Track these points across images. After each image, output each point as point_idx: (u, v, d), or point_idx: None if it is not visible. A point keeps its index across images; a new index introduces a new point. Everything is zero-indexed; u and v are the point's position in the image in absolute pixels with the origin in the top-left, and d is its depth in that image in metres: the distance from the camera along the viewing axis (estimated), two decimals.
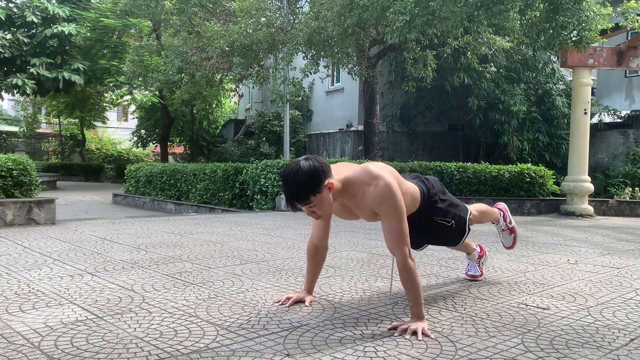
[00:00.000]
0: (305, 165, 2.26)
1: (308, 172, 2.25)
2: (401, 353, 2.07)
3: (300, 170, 2.25)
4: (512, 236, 3.44)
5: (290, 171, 2.27)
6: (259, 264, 3.85)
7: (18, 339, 2.17)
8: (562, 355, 2.08)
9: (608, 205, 9.57)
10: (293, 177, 2.26)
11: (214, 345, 2.12)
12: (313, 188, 2.26)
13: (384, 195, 2.36)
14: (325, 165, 2.32)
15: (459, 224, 2.87)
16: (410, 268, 2.38)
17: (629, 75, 15.04)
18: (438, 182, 2.92)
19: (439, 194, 2.84)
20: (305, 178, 2.24)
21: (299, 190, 2.26)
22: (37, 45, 18.40)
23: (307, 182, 2.24)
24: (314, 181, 2.25)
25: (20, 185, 5.99)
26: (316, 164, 2.27)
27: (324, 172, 2.29)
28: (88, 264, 3.74)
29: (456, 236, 2.92)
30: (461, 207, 2.93)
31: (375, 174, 2.39)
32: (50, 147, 35.27)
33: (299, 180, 2.25)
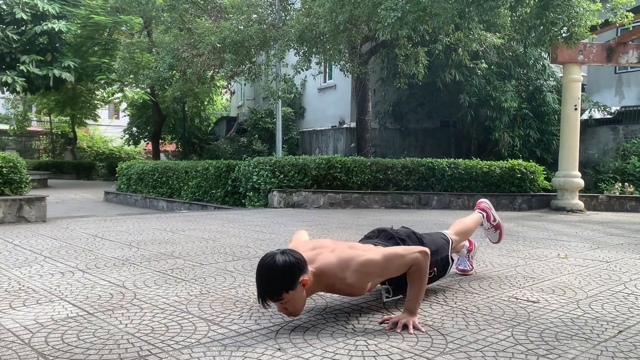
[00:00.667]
0: (280, 260, 2.17)
1: (283, 268, 2.15)
2: (392, 346, 2.08)
3: (275, 266, 2.15)
4: (497, 232, 3.45)
5: (265, 266, 2.18)
6: (251, 260, 3.86)
7: (8, 335, 2.16)
8: (551, 347, 2.10)
9: (598, 201, 9.65)
10: (267, 272, 2.17)
11: (206, 341, 2.12)
12: (286, 285, 2.17)
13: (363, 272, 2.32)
14: (302, 261, 2.23)
15: (441, 265, 2.86)
16: (424, 265, 2.37)
17: (619, 71, 15.15)
18: (412, 234, 2.83)
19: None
20: (280, 274, 2.15)
21: (273, 287, 2.17)
22: (26, 42, 18.23)
23: (281, 279, 2.16)
24: (288, 278, 2.17)
25: (10, 183, 5.95)
26: (292, 260, 2.18)
27: (300, 268, 2.20)
28: (79, 261, 3.73)
29: (441, 274, 2.92)
30: (440, 248, 2.88)
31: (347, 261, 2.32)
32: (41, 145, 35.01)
33: (272, 277, 2.16)
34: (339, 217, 7.37)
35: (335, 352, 2.01)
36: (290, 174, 9.02)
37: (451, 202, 9.32)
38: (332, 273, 2.32)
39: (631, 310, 2.65)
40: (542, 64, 13.83)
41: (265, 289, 2.18)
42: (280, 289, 2.16)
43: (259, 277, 2.20)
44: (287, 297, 2.19)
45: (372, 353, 2.01)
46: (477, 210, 3.44)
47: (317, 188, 9.05)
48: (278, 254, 2.20)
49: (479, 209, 3.44)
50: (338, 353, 2.00)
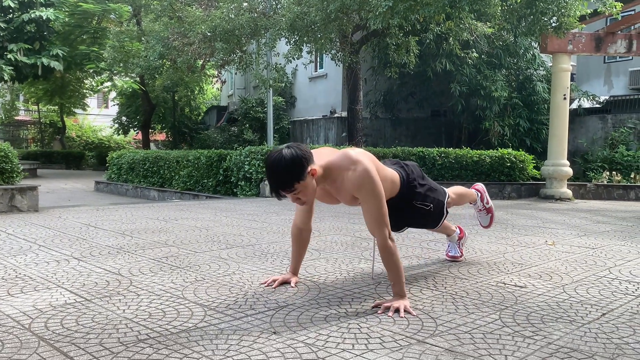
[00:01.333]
0: (287, 153, 2.28)
1: (291, 160, 2.27)
2: (384, 329, 2.15)
3: (283, 159, 2.27)
4: (489, 216, 3.54)
5: (274, 160, 2.29)
6: (244, 248, 3.91)
7: (8, 321, 2.20)
8: (537, 330, 2.17)
9: (586, 189, 9.79)
10: (276, 165, 2.28)
11: (202, 325, 2.17)
12: (297, 176, 2.29)
13: (362, 180, 2.41)
14: (308, 152, 2.35)
15: (437, 207, 2.95)
16: (391, 249, 2.45)
17: (608, 61, 15.28)
18: (417, 167, 2.98)
19: (418, 178, 2.90)
20: (289, 166, 2.27)
21: (283, 179, 2.29)
22: (14, 30, 18.01)
23: (290, 170, 2.27)
24: (298, 169, 2.28)
25: (1, 173, 5.94)
26: (298, 152, 2.30)
27: (307, 159, 2.32)
28: (74, 250, 3.76)
29: (435, 219, 3.00)
30: (439, 191, 3.01)
31: (354, 159, 2.43)
32: (30, 134, 34.71)
33: (282, 169, 2.27)
34: (330, 206, 7.42)
35: (329, 335, 2.07)
36: None
37: None
38: (338, 165, 2.44)
39: (614, 294, 2.74)
40: (532, 53, 13.91)
41: (278, 182, 2.30)
42: (292, 180, 2.29)
43: (269, 171, 2.31)
44: (299, 187, 2.31)
45: (365, 336, 2.07)
46: (473, 189, 3.50)
47: None
48: (284, 148, 2.32)
49: (475, 189, 3.50)
50: (331, 336, 2.06)
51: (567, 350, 1.95)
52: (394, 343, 2.00)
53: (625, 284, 2.96)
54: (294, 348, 1.93)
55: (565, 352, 1.93)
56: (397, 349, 1.94)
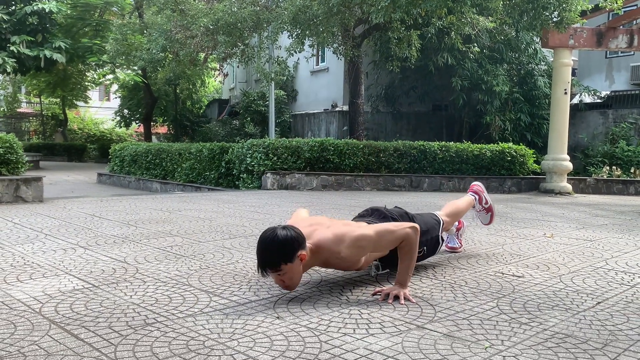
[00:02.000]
0: (281, 235, 2.30)
1: (283, 242, 2.29)
2: (384, 315, 2.21)
3: (276, 239, 2.29)
4: (488, 215, 3.57)
5: (266, 238, 2.32)
6: (247, 238, 3.97)
7: (19, 305, 2.27)
8: (533, 317, 2.24)
9: (586, 183, 9.84)
10: (268, 244, 2.30)
11: (208, 310, 2.24)
12: (285, 257, 2.29)
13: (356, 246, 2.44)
14: (301, 237, 2.36)
15: (431, 245, 2.99)
16: (414, 241, 2.49)
17: (610, 56, 15.29)
18: (404, 214, 2.95)
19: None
20: (280, 247, 2.29)
21: (272, 258, 2.30)
22: (17, 22, 18.03)
23: (280, 251, 2.29)
24: (288, 251, 2.30)
25: (7, 164, 6.00)
26: (292, 235, 2.32)
27: (299, 243, 2.33)
28: (80, 239, 3.83)
29: (431, 252, 3.06)
30: (430, 228, 3.00)
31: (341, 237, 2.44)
32: (32, 127, 34.76)
33: (273, 248, 2.29)
34: (331, 198, 7.50)
35: (331, 320, 2.13)
36: (284, 156, 9.11)
37: (442, 184, 9.47)
38: (327, 248, 2.44)
39: (610, 284, 2.80)
40: (534, 48, 13.94)
41: (266, 259, 2.31)
42: (279, 260, 2.29)
43: (260, 248, 2.32)
44: (285, 269, 2.31)
45: (365, 321, 2.13)
46: (470, 193, 3.54)
47: (310, 170, 9.16)
48: (279, 228, 2.33)
49: (472, 192, 3.54)
50: (333, 321, 2.13)
51: (562, 336, 2.01)
52: (393, 328, 2.06)
53: (621, 275, 3.02)
54: (296, 332, 1.99)
55: (560, 337, 1.99)
56: (397, 334, 2.00)
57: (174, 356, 1.75)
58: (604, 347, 1.90)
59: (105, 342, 1.87)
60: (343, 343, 1.89)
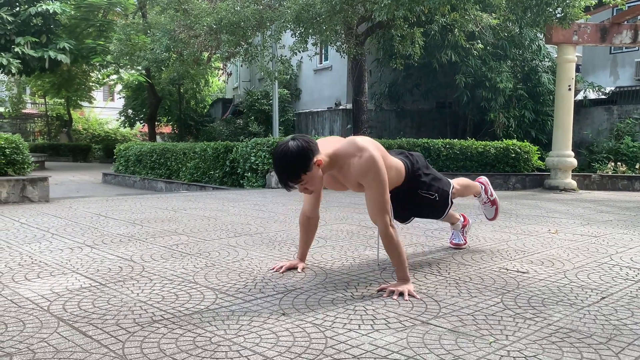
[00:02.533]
0: (293, 145, 2.35)
1: (297, 152, 2.34)
2: (389, 311, 2.23)
3: (289, 151, 2.35)
4: (493, 208, 3.60)
5: (280, 152, 2.37)
6: (252, 236, 3.99)
7: (27, 304, 2.29)
8: (537, 312, 2.24)
9: (591, 180, 9.81)
10: (283, 158, 2.36)
11: (214, 307, 2.26)
12: (303, 167, 2.36)
13: (367, 167, 2.48)
14: (313, 143, 2.42)
15: (442, 197, 3.01)
16: (391, 235, 2.52)
17: (614, 52, 15.22)
18: (422, 158, 3.04)
19: (423, 168, 2.97)
20: (295, 158, 2.34)
21: (290, 170, 2.37)
22: (21, 23, 18.12)
23: (297, 162, 2.35)
24: (304, 160, 2.36)
25: (13, 164, 6.04)
26: (304, 144, 2.37)
27: (312, 150, 2.39)
28: (86, 238, 3.85)
29: (440, 209, 3.07)
30: (444, 181, 3.07)
31: (361, 147, 2.51)
32: (37, 127, 34.92)
33: (289, 161, 2.35)
34: (336, 196, 7.50)
35: (336, 317, 2.15)
36: None
37: None
38: (345, 155, 2.51)
39: (615, 279, 2.80)
40: (538, 44, 13.88)
41: (285, 173, 2.39)
42: (299, 171, 2.37)
43: (277, 164, 2.40)
44: (305, 177, 2.40)
45: (370, 317, 2.15)
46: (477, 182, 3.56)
47: None
48: (290, 140, 2.39)
49: (479, 182, 3.56)
50: (338, 317, 2.14)
51: (567, 330, 2.02)
52: (398, 324, 2.07)
53: (625, 270, 3.02)
54: (302, 328, 2.01)
55: (564, 332, 2.00)
56: (402, 329, 2.01)
57: (181, 352, 1.77)
58: (608, 342, 1.91)
59: (113, 339, 1.89)
60: (348, 339, 1.91)
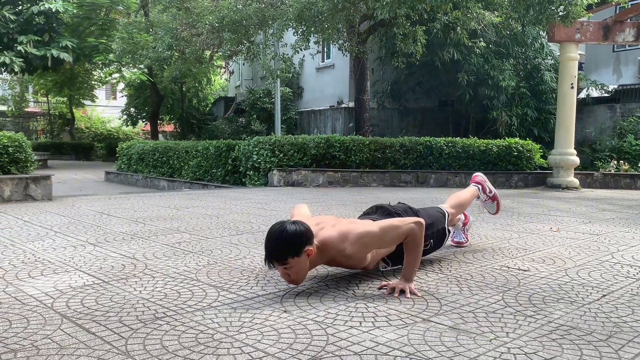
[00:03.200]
0: (291, 229, 2.33)
1: (292, 235, 2.32)
2: (390, 309, 2.24)
3: (285, 232, 2.32)
4: (494, 203, 3.61)
5: (275, 231, 2.35)
6: (254, 235, 4.00)
7: (31, 301, 2.31)
8: (538, 309, 2.25)
9: (593, 178, 9.80)
10: (277, 236, 2.33)
11: (216, 304, 2.27)
12: (293, 251, 2.33)
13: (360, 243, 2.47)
14: (309, 232, 2.39)
15: (437, 238, 3.03)
16: (417, 234, 2.50)
17: (617, 50, 15.18)
18: (408, 209, 2.97)
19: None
20: (288, 240, 2.32)
21: (279, 251, 2.33)
22: (23, 22, 18.16)
23: (288, 244, 2.32)
24: (296, 245, 2.33)
25: (16, 162, 6.07)
26: (302, 229, 2.35)
27: (307, 238, 2.37)
28: (89, 236, 3.87)
29: (438, 245, 3.09)
30: (436, 221, 3.02)
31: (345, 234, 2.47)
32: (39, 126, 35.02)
33: (281, 241, 2.32)
34: (338, 195, 7.52)
35: (337, 314, 2.16)
36: (290, 153, 9.14)
37: (448, 180, 9.46)
38: (333, 245, 2.47)
39: (616, 277, 2.81)
40: (541, 42, 13.86)
41: (273, 251, 2.34)
42: (287, 254, 2.32)
43: (268, 240, 2.36)
44: (292, 262, 2.34)
45: (372, 314, 2.16)
46: (473, 184, 3.58)
47: (317, 167, 9.18)
48: (289, 223, 2.37)
49: (474, 182, 3.58)
50: (340, 314, 2.15)
51: (567, 328, 2.03)
52: (399, 321, 2.08)
53: (627, 268, 3.02)
54: (303, 325, 2.02)
55: (564, 329, 2.01)
56: (403, 326, 2.02)
57: (184, 349, 1.78)
58: (608, 339, 1.92)
59: (116, 335, 1.90)
60: (350, 335, 1.92)
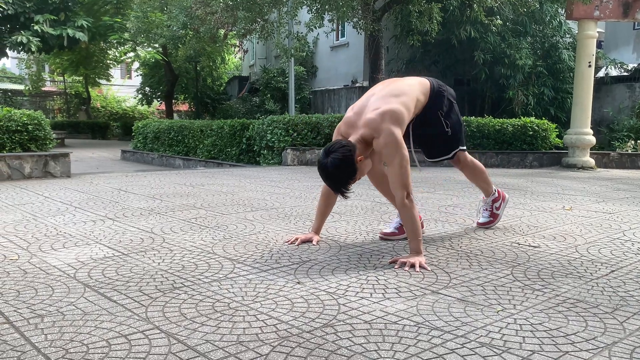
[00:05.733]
0: (330, 163, 2.49)
1: (337, 168, 2.50)
2: (400, 281, 2.29)
3: (330, 172, 2.52)
4: (489, 219, 3.47)
5: (323, 172, 2.54)
6: (268, 211, 4.08)
7: (55, 271, 2.41)
8: (546, 284, 2.29)
9: (609, 158, 9.71)
10: (327, 175, 2.55)
11: (232, 276, 2.35)
12: (349, 175, 2.54)
13: (385, 145, 2.58)
14: (352, 146, 2.53)
15: (454, 134, 3.09)
16: (407, 206, 2.61)
17: (637, 27, 14.86)
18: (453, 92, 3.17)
19: (449, 95, 3.04)
20: (338, 173, 2.52)
21: (342, 183, 2.55)
22: (40, 1, 18.24)
23: (341, 175, 2.53)
24: (347, 171, 2.52)
25: (35, 140, 6.19)
26: (339, 156, 2.49)
27: (349, 157, 2.51)
28: (108, 211, 3.98)
29: (451, 143, 3.15)
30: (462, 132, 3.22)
31: (378, 126, 2.58)
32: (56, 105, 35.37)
33: (335, 178, 2.55)
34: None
35: (349, 285, 2.23)
36: (304, 132, 9.17)
37: None
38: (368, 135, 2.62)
39: (625, 254, 2.83)
40: (559, 20, 13.61)
41: (337, 185, 2.57)
42: (347, 180, 2.55)
43: (326, 181, 2.62)
44: (355, 178, 2.58)
45: (382, 286, 2.22)
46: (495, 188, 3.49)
47: None
48: (330, 157, 2.50)
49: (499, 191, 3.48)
50: (351, 286, 2.22)
51: (574, 301, 2.07)
52: (409, 293, 2.14)
53: (637, 245, 3.04)
54: (316, 296, 2.09)
55: (571, 302, 2.05)
56: (412, 298, 2.08)
57: (201, 316, 1.86)
58: (614, 312, 1.96)
59: (137, 303, 1.99)
60: (360, 306, 1.98)
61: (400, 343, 1.65)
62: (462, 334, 1.73)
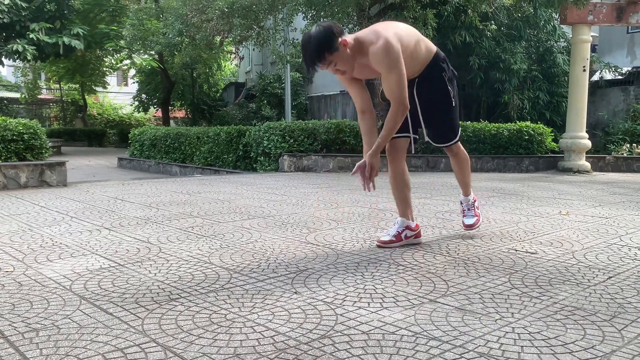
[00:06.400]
0: (318, 29, 2.51)
1: (323, 32, 2.49)
2: (398, 290, 2.29)
3: (312, 35, 2.50)
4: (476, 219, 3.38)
5: (307, 37, 2.52)
6: (265, 219, 4.07)
7: (50, 283, 2.39)
8: (544, 291, 2.29)
9: (605, 162, 9.74)
10: (309, 40, 2.51)
11: (229, 286, 2.34)
12: (328, 46, 2.49)
13: (382, 55, 2.59)
14: (338, 26, 2.56)
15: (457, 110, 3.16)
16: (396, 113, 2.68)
17: (631, 31, 14.94)
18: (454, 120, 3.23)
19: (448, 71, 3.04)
20: (321, 38, 2.49)
21: (318, 51, 2.50)
22: (35, 10, 18.25)
23: (322, 42, 2.49)
24: (329, 40, 2.49)
25: (31, 149, 6.18)
26: (329, 24, 2.53)
27: (334, 32, 2.52)
28: (104, 220, 3.96)
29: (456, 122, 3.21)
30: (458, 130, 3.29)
31: (378, 33, 2.62)
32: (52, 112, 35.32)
33: (315, 42, 2.50)
34: (348, 180, 7.55)
35: (346, 295, 2.22)
36: (300, 138, 9.17)
37: None
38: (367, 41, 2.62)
39: (623, 260, 2.83)
40: (553, 25, 13.67)
41: (312, 55, 2.52)
42: (324, 51, 2.50)
43: (303, 48, 2.56)
44: (334, 58, 2.53)
45: (380, 295, 2.21)
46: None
47: (327, 152, 9.21)
48: (315, 25, 2.54)
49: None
50: (349, 295, 2.21)
51: (571, 308, 2.07)
52: (407, 302, 2.14)
53: (634, 250, 3.04)
54: (313, 306, 2.08)
55: (569, 310, 2.05)
56: (410, 307, 2.07)
57: (198, 328, 1.85)
58: (612, 319, 1.95)
59: (133, 315, 1.98)
60: (358, 316, 1.98)
61: (398, 354, 1.64)
62: (460, 344, 1.72)
